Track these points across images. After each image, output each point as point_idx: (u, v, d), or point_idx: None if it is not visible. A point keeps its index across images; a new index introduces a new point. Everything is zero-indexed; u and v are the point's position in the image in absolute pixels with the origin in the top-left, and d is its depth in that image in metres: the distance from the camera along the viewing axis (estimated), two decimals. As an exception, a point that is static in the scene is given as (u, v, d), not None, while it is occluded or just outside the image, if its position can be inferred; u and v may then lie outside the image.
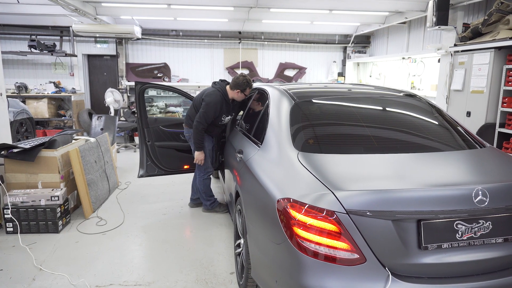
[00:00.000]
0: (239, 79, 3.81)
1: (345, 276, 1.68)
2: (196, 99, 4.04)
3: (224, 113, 3.94)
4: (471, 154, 2.32)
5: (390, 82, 9.15)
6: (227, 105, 3.93)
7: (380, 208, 1.69)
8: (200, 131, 3.82)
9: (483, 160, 2.25)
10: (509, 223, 1.83)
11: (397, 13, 7.84)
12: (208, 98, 3.83)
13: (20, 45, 9.29)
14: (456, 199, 1.74)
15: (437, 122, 2.72)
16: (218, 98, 3.82)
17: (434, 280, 1.71)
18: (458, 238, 1.75)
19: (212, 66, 10.45)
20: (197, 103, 3.98)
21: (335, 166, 2.01)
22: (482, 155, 2.32)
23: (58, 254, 3.30)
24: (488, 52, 5.26)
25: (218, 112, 3.86)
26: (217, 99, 3.82)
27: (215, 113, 3.83)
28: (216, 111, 3.83)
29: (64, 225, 3.86)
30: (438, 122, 2.72)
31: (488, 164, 2.22)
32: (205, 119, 3.79)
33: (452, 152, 2.32)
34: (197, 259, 3.23)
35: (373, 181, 1.87)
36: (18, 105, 7.11)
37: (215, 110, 3.82)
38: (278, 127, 2.50)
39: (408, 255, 1.71)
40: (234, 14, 7.90)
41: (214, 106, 3.79)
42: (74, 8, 6.65)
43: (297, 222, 1.76)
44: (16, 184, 3.91)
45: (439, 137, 2.54)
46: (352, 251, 1.68)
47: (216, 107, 3.81)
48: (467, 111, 5.69)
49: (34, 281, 2.87)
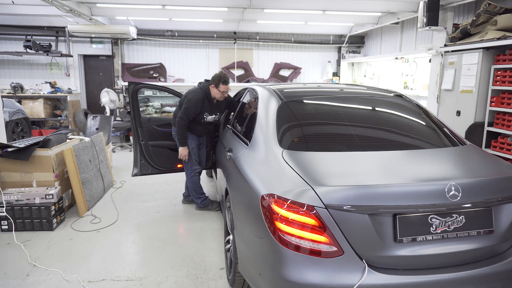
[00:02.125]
0: (215, 74, 4.00)
1: (323, 268, 1.75)
2: (181, 98, 4.22)
3: (206, 111, 4.07)
4: (450, 151, 2.41)
5: (384, 82, 9.24)
6: (209, 103, 4.07)
7: (357, 203, 1.77)
8: (182, 127, 3.98)
9: (460, 158, 2.34)
10: (482, 217, 1.91)
11: (389, 13, 7.94)
12: (190, 95, 4.01)
13: (15, 46, 9.33)
14: (430, 194, 1.82)
15: (421, 121, 2.80)
16: (199, 95, 3.98)
17: (409, 271, 1.79)
18: (432, 232, 1.83)
19: (208, 66, 10.52)
20: (181, 102, 4.14)
21: (317, 163, 2.09)
22: (461, 152, 2.41)
23: (52, 251, 3.36)
24: (476, 52, 5.35)
25: (200, 109, 4.00)
26: (199, 96, 3.97)
27: (196, 109, 3.97)
28: (197, 107, 3.97)
29: (58, 223, 3.92)
30: (422, 121, 2.80)
31: (465, 161, 2.30)
32: (186, 114, 3.94)
33: (432, 150, 2.40)
34: (188, 256, 3.30)
35: (352, 177, 1.95)
36: (13, 105, 7.15)
37: (196, 106, 3.96)
38: (265, 126, 2.58)
39: (384, 248, 1.79)
40: (228, 15, 7.97)
41: (195, 103, 3.94)
42: (69, 9, 6.70)
43: (279, 217, 1.84)
44: (10, 182, 3.97)
45: (421, 136, 2.62)
46: (331, 244, 1.76)
47: (197, 104, 3.95)
48: (457, 111, 5.78)
49: (28, 276, 2.93)
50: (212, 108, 4.13)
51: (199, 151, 4.40)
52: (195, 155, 4.26)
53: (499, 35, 4.98)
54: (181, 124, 3.97)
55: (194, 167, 4.26)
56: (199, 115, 4.04)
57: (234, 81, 10.49)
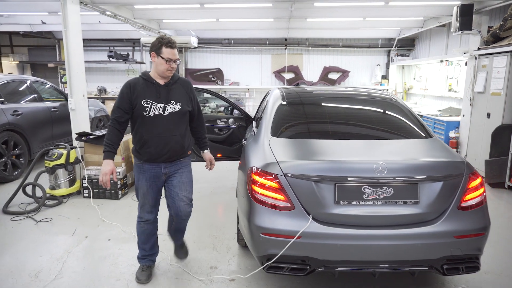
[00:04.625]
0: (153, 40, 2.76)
1: (281, 218, 2.47)
2: None
3: (147, 98, 2.70)
4: (407, 142, 2.94)
5: (431, 84, 9.28)
6: (150, 86, 2.74)
7: (305, 173, 2.45)
8: (110, 129, 2.73)
9: (409, 146, 2.86)
10: (409, 191, 2.45)
11: (433, 17, 8.06)
12: None
13: (101, 55, 11.21)
14: (363, 169, 2.43)
15: (396, 117, 3.34)
16: (130, 80, 2.78)
17: (343, 226, 2.42)
18: (364, 198, 2.44)
19: (261, 70, 11.45)
20: None
21: (289, 146, 2.81)
22: (417, 143, 2.93)
23: (116, 213, 4.49)
24: (505, 56, 5.46)
25: (130, 96, 2.68)
26: (129, 81, 2.77)
27: (122, 98, 2.69)
28: (124, 94, 2.70)
29: (123, 194, 5.09)
30: (396, 117, 3.34)
31: (410, 148, 2.82)
32: (113, 110, 2.74)
33: (391, 140, 2.96)
34: (214, 223, 4.18)
35: (308, 155, 2.64)
36: (98, 104, 8.77)
37: (122, 93, 2.71)
38: (267, 120, 3.34)
39: (326, 207, 2.44)
40: (275, 24, 8.77)
41: (121, 90, 2.74)
42: (141, 25, 8.09)
43: (254, 181, 2.60)
44: (91, 162, 5.24)
45: (390, 129, 3.17)
46: (286, 201, 2.47)
47: (124, 89, 2.72)
48: (487, 113, 5.89)
49: (98, 227, 4.06)
50: (157, 93, 2.73)
51: (156, 188, 2.89)
52: (143, 195, 2.87)
53: (526, 38, 5.08)
54: (109, 127, 2.74)
55: (140, 213, 2.93)
56: (136, 107, 2.69)
57: (285, 83, 11.26)
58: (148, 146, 2.78)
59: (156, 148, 2.79)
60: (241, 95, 11.23)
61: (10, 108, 5.82)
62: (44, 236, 3.82)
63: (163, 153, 2.81)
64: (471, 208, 2.53)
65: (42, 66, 11.68)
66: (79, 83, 5.55)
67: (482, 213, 2.57)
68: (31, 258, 3.35)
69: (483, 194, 2.59)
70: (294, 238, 2.40)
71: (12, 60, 11.54)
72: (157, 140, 2.77)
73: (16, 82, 6.48)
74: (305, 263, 2.47)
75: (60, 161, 4.84)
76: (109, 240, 3.73)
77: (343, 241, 2.42)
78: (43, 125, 6.41)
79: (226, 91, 11.40)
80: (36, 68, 11.94)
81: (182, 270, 3.16)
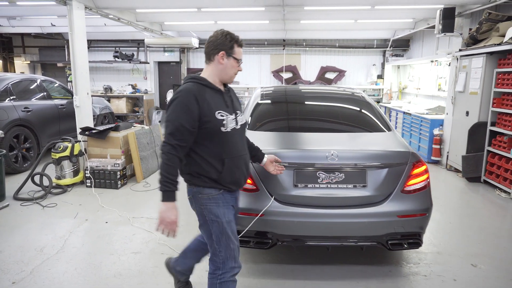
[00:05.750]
0: (215, 35, 2.20)
1: (247, 198, 2.86)
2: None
3: (220, 108, 2.13)
4: (365, 134, 3.32)
5: (422, 84, 9.57)
6: (217, 94, 2.17)
7: (268, 160, 2.86)
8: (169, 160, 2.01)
9: (365, 138, 3.24)
10: (358, 176, 2.83)
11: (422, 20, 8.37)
12: (173, 97, 2.10)
13: (107, 55, 11.73)
14: (317, 157, 2.81)
15: (362, 113, 3.72)
16: (189, 87, 2.10)
17: (301, 205, 2.82)
18: (319, 182, 2.82)
19: (260, 70, 11.84)
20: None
21: (259, 138, 3.19)
22: (374, 135, 3.30)
23: (115, 200, 4.94)
24: (481, 57, 5.77)
25: (196, 107, 2.04)
26: (188, 88, 2.08)
27: (190, 113, 2.02)
28: (190, 106, 2.03)
29: (122, 184, 5.54)
30: (362, 113, 3.72)
31: (365, 140, 3.19)
32: (174, 132, 2.01)
33: (351, 133, 3.35)
34: (202, 210, 4.60)
35: (272, 145, 3.04)
36: (103, 102, 9.27)
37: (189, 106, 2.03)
38: (246, 115, 3.75)
39: (286, 189, 2.83)
40: (271, 26, 9.16)
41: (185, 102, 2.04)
42: (144, 27, 8.54)
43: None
44: (94, 154, 5.70)
45: (353, 123, 3.56)
46: (252, 184, 2.87)
47: (188, 101, 2.03)
48: (466, 111, 6.20)
49: (98, 211, 4.52)
50: (225, 102, 2.19)
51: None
52: (230, 235, 2.18)
53: (500, 41, 5.39)
54: (169, 156, 2.01)
55: (229, 263, 2.16)
56: (207, 122, 2.07)
57: (283, 83, 11.65)
58: (232, 170, 2.17)
59: (240, 172, 2.23)
60: (241, 94, 11.63)
61: (21, 105, 6.33)
62: (49, 219, 4.29)
63: (246, 177, 2.33)
64: (414, 192, 2.90)
65: (51, 66, 12.25)
66: (84, 82, 6.02)
67: (424, 196, 2.93)
68: (37, 236, 3.81)
69: (426, 180, 2.96)
70: (258, 216, 2.81)
71: (24, 60, 12.14)
72: (238, 161, 2.22)
73: (27, 81, 6.99)
74: (268, 237, 2.87)
75: (65, 153, 5.32)
76: (107, 223, 4.18)
77: (301, 219, 2.81)
78: (51, 121, 6.91)
79: (227, 90, 11.82)
80: (46, 67, 12.53)
81: (169, 248, 3.59)
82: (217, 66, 2.18)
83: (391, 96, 11.16)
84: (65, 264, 3.26)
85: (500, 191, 5.35)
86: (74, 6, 5.69)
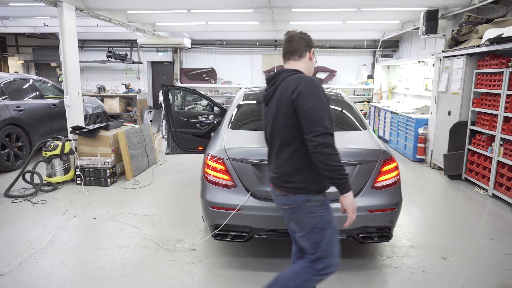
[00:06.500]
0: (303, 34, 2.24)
1: (225, 194, 3.01)
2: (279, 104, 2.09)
3: None
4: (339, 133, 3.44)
5: (410, 84, 9.75)
6: None
7: (244, 157, 3.00)
8: (335, 148, 1.92)
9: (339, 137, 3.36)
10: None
11: (409, 21, 8.53)
12: (306, 85, 1.97)
13: (100, 55, 11.83)
14: (291, 154, 2.97)
15: (339, 112, 3.86)
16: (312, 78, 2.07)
17: (275, 200, 2.97)
18: (293, 178, 2.98)
19: (252, 70, 11.98)
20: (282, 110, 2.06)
21: (236, 136, 3.36)
22: (349, 134, 3.45)
23: (104, 198, 5.07)
24: (461, 58, 5.94)
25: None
26: (313, 78, 2.06)
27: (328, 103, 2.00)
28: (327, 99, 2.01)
29: (111, 182, 5.67)
30: (340, 112, 3.86)
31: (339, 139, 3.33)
32: (329, 118, 1.94)
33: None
34: (188, 207, 4.74)
35: (250, 143, 3.18)
36: (95, 102, 9.37)
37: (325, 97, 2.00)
38: (228, 115, 3.89)
39: (262, 185, 2.98)
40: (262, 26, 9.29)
41: (323, 92, 1.99)
42: (136, 28, 8.66)
43: (207, 164, 3.15)
44: (84, 153, 5.82)
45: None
46: (230, 180, 3.01)
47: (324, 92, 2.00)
48: (448, 111, 6.37)
49: (87, 208, 4.65)
50: None
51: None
52: (334, 237, 2.14)
53: (479, 42, 5.56)
54: (334, 145, 1.91)
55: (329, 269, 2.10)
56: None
57: (274, 83, 11.77)
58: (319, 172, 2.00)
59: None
60: (233, 94, 11.77)
61: (13, 104, 6.43)
62: (39, 215, 4.41)
63: None
64: (384, 187, 3.06)
65: (45, 65, 12.33)
66: (74, 81, 6.13)
67: (394, 192, 3.09)
68: (26, 232, 3.94)
69: (396, 177, 3.11)
70: (235, 210, 2.95)
71: (18, 60, 12.21)
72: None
73: (20, 81, 7.09)
74: (245, 231, 3.02)
75: (55, 152, 5.44)
76: (94, 219, 4.31)
77: (275, 213, 2.95)
78: (43, 120, 7.02)
79: (219, 89, 11.96)
80: (40, 67, 12.61)
81: (153, 242, 3.72)
82: (308, 62, 2.22)
83: (381, 96, 11.33)
84: (52, 257, 3.39)
85: (479, 188, 5.52)
86: (64, 7, 5.81)
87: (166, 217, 4.38)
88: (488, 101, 5.38)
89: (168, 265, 3.27)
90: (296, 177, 2.05)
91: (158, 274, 3.13)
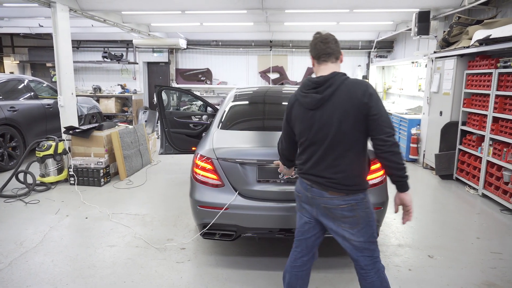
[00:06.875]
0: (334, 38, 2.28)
1: (213, 193, 3.04)
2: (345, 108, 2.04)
3: None
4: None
5: (404, 85, 9.81)
6: None
7: (232, 157, 3.03)
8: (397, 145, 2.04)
9: None
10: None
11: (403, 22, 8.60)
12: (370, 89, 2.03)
13: (96, 56, 11.84)
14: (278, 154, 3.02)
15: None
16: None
17: (262, 199, 3.00)
18: (280, 178, 3.01)
19: (248, 70, 12.02)
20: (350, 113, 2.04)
21: (225, 136, 3.39)
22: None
23: (97, 197, 5.10)
24: (452, 59, 6.00)
25: None
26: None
27: None
28: None
29: (105, 182, 5.69)
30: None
31: None
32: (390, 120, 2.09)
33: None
34: (180, 206, 4.77)
35: (237, 144, 3.21)
36: (91, 102, 9.39)
37: None
38: (219, 115, 3.92)
39: (250, 184, 3.02)
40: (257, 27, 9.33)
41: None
42: (131, 29, 8.69)
43: (196, 164, 3.19)
44: (78, 153, 5.85)
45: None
46: (218, 180, 3.05)
47: None
48: (440, 111, 6.43)
49: (79, 208, 4.67)
50: None
51: None
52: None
53: (469, 43, 5.61)
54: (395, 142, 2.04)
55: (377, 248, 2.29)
56: None
57: (270, 83, 11.83)
58: None
59: None
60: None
61: (7, 105, 6.45)
62: (31, 214, 4.44)
63: None
64: (371, 187, 3.08)
65: (41, 66, 12.34)
66: (68, 82, 6.16)
67: (380, 191, 3.12)
68: (18, 231, 3.96)
69: (382, 176, 3.15)
70: (223, 209, 2.99)
71: (13, 60, 12.21)
72: None
73: (14, 81, 7.11)
74: (232, 230, 3.06)
75: (49, 152, 5.46)
76: (86, 218, 4.34)
77: (263, 212, 3.00)
78: (37, 120, 7.04)
79: (215, 90, 11.99)
80: (35, 67, 12.61)
81: (143, 241, 3.76)
82: (339, 65, 2.26)
83: (375, 96, 11.37)
84: (42, 256, 3.42)
85: (470, 188, 5.58)
86: (58, 8, 5.83)
87: (158, 217, 4.41)
88: (478, 101, 5.44)
89: (157, 264, 3.31)
90: (358, 178, 2.16)
91: (147, 272, 3.17)
